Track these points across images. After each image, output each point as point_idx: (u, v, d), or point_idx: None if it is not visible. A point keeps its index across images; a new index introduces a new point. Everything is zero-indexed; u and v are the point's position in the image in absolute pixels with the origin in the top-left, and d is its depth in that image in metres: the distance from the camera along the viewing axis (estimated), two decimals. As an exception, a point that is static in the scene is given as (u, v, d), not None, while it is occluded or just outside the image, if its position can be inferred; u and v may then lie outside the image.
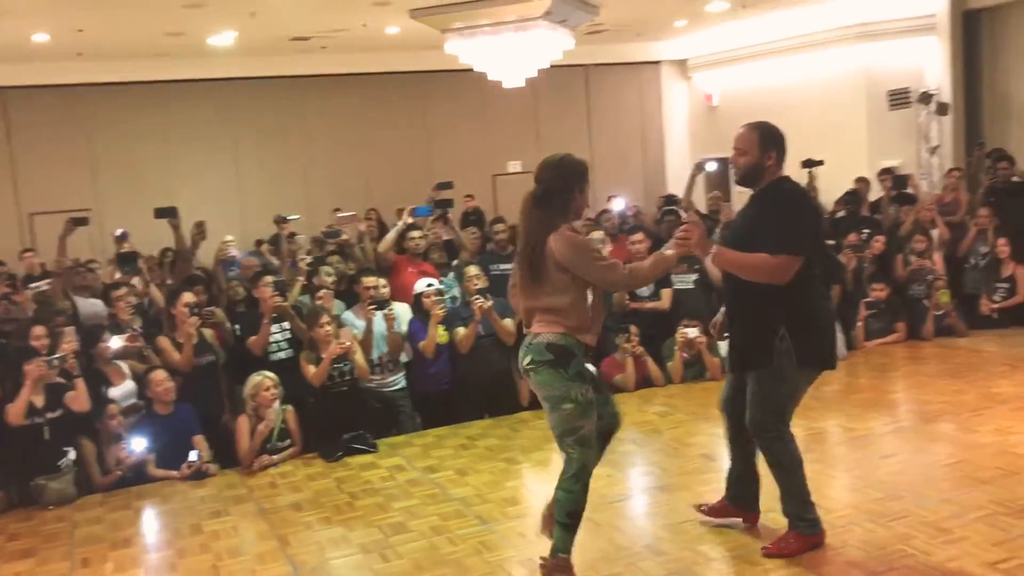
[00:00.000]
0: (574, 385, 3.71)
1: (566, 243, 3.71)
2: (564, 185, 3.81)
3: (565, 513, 3.75)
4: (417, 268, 7.48)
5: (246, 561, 4.50)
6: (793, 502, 4.12)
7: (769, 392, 4.01)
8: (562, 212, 3.80)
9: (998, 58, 12.99)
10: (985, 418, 5.73)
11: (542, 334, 3.75)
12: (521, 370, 3.86)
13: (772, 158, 4.01)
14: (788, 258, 3.83)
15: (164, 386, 5.84)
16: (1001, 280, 7.97)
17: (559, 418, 3.73)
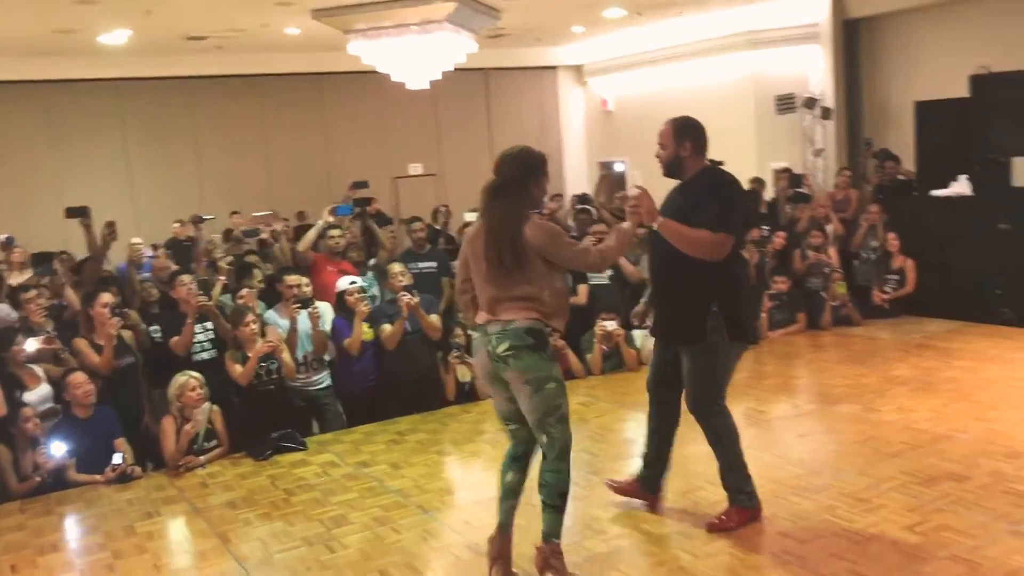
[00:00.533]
0: (554, 365, 3.84)
1: (542, 231, 3.83)
2: (522, 177, 3.89)
3: (556, 495, 3.81)
4: (336, 267, 7.47)
5: (188, 559, 4.46)
6: (733, 475, 4.35)
7: (705, 367, 4.24)
8: (523, 203, 3.89)
9: (876, 65, 13.75)
10: (887, 399, 6.12)
11: (517, 320, 3.78)
12: (494, 357, 3.79)
13: (687, 148, 4.22)
14: (726, 236, 4.10)
15: (84, 388, 5.68)
16: (891, 272, 8.48)
17: (542, 399, 3.76)
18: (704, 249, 4.09)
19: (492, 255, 3.82)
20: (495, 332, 3.80)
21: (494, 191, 3.90)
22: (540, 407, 3.78)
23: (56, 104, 14.00)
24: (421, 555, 4.31)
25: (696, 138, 4.25)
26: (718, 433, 4.31)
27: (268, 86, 15.51)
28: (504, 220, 3.83)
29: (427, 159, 17.08)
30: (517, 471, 3.97)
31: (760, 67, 14.55)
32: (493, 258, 3.82)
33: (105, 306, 6.02)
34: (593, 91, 17.98)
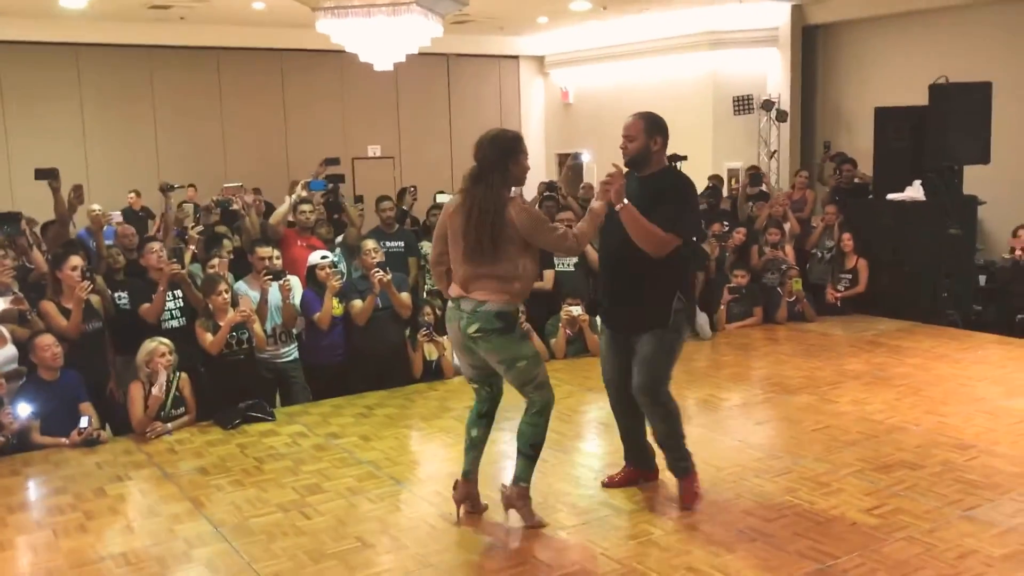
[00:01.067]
0: (523, 344, 4.16)
1: (528, 216, 4.05)
2: (499, 159, 4.07)
3: (529, 445, 4.16)
4: (306, 241, 7.49)
5: (162, 522, 4.47)
6: (674, 452, 4.52)
7: (667, 349, 4.36)
8: (504, 183, 4.07)
9: (831, 71, 14.12)
10: (841, 391, 6.35)
11: (488, 302, 4.02)
12: (465, 335, 4.08)
13: (658, 143, 4.34)
14: (673, 237, 4.23)
15: (52, 351, 5.64)
16: (845, 271, 8.75)
17: (516, 374, 4.10)
18: (651, 243, 4.18)
19: (471, 236, 4.02)
20: (467, 311, 4.05)
21: (474, 176, 4.08)
22: (516, 380, 4.14)
23: (11, 65, 13.70)
24: (396, 523, 4.39)
25: (665, 135, 4.38)
26: (669, 410, 4.43)
27: (228, 60, 15.39)
28: (484, 203, 4.00)
29: (385, 141, 17.06)
30: (481, 427, 4.33)
31: (720, 67, 14.85)
32: (472, 239, 4.02)
33: (74, 269, 5.97)
34: (554, 82, 18.12)
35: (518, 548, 4.08)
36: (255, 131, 15.59)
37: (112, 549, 4.17)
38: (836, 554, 3.91)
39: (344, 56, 13.34)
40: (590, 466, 5.09)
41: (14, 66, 13.73)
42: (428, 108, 17.34)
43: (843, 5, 13.28)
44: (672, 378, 4.45)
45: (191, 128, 15.11)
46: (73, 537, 4.31)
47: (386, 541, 4.18)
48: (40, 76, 13.94)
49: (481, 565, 3.93)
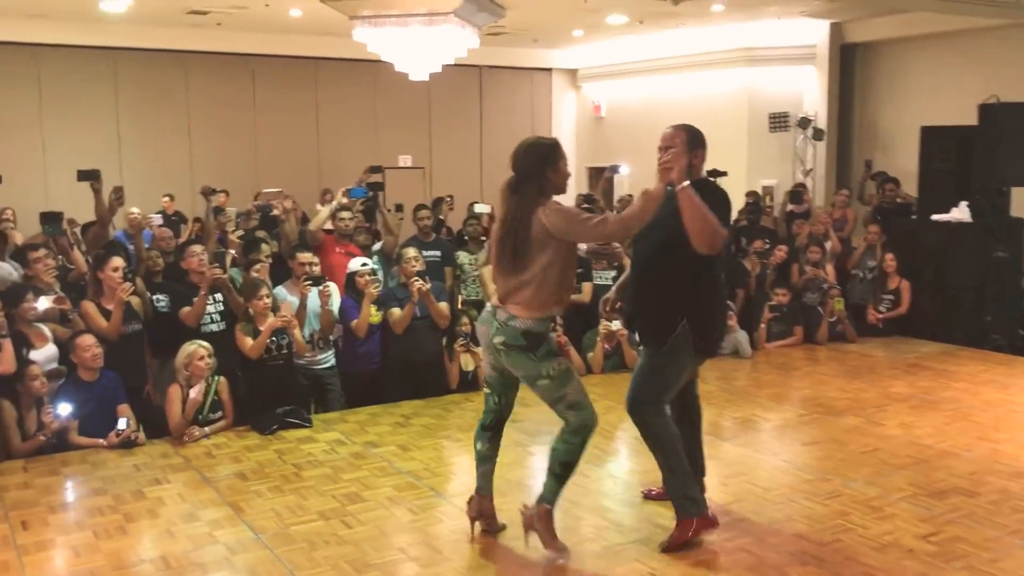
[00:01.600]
0: (544, 364, 3.91)
1: (558, 214, 3.86)
2: (537, 168, 3.94)
3: (559, 463, 3.95)
4: (344, 248, 7.46)
5: (201, 526, 4.41)
6: (676, 480, 4.17)
7: (657, 369, 4.16)
8: (540, 194, 3.92)
9: (869, 89, 13.99)
10: (888, 414, 6.22)
11: (518, 319, 3.90)
12: (492, 343, 4.01)
13: (699, 157, 4.15)
14: (725, 233, 4.04)
15: (92, 351, 5.61)
16: (887, 292, 8.61)
17: (540, 391, 3.97)
18: (706, 233, 3.92)
19: (498, 248, 3.97)
20: (499, 320, 3.96)
21: (512, 186, 3.96)
22: (544, 397, 3.99)
23: (50, 69, 13.81)
24: (438, 536, 4.31)
25: (705, 149, 4.20)
26: (655, 433, 4.18)
27: (263, 67, 15.42)
28: (516, 214, 3.91)
29: (417, 151, 17.05)
30: (486, 440, 4.22)
31: (755, 84, 14.73)
32: (501, 251, 3.95)
33: (116, 270, 5.96)
34: (586, 96, 18.06)
35: (563, 566, 3.98)
36: (288, 138, 15.61)
37: (152, 553, 4.11)
38: (894, 581, 3.79)
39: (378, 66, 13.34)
40: (633, 483, 4.99)
41: (53, 69, 13.84)
42: (460, 119, 17.32)
43: (883, 24, 13.15)
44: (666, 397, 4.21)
45: (224, 133, 15.16)
46: (114, 539, 4.26)
47: (429, 553, 4.10)
48: (77, 79, 14.03)
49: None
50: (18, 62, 13.56)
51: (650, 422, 4.18)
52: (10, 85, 13.56)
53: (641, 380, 4.21)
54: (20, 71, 13.62)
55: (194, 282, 6.30)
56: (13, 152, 12.87)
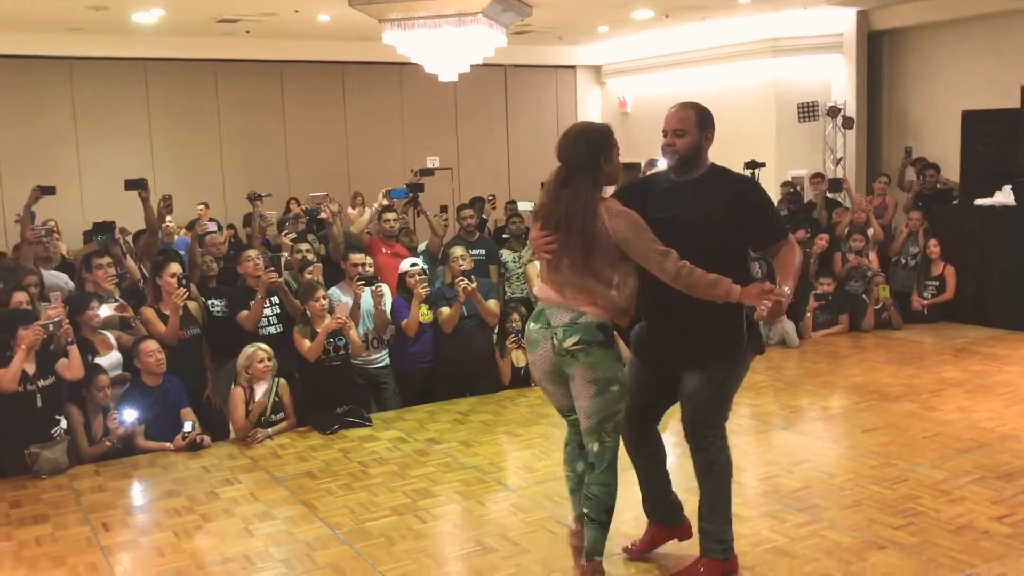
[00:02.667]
0: (620, 366, 3.57)
1: (625, 221, 3.46)
2: (590, 156, 3.54)
3: (603, 510, 3.54)
4: (391, 249, 7.52)
5: (278, 524, 4.48)
6: (716, 517, 3.74)
7: (721, 382, 3.68)
8: (593, 186, 3.54)
9: (897, 77, 13.91)
10: (944, 399, 6.22)
11: (588, 314, 3.49)
12: (560, 351, 3.50)
13: (709, 138, 3.71)
14: (792, 236, 3.74)
15: (156, 357, 5.70)
16: (931, 278, 8.59)
17: (604, 401, 3.49)
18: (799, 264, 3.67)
19: (562, 247, 3.52)
20: (561, 325, 3.50)
21: (561, 178, 3.56)
22: (600, 410, 3.50)
23: (83, 81, 13.97)
24: (514, 528, 4.35)
25: (714, 128, 3.73)
26: (714, 462, 3.71)
27: (291, 73, 15.53)
28: (572, 208, 3.49)
29: (444, 152, 17.12)
30: (584, 460, 3.65)
31: (782, 74, 14.69)
32: (565, 248, 3.52)
33: (173, 276, 6.04)
34: (611, 91, 18.08)
35: (645, 555, 4.01)
36: (317, 143, 15.72)
37: (235, 550, 4.19)
38: (974, 562, 3.81)
39: (404, 68, 13.43)
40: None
41: (86, 81, 14.00)
42: (486, 119, 17.39)
43: (911, 11, 13.07)
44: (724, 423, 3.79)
45: (255, 140, 15.28)
46: (194, 538, 4.34)
47: (507, 546, 4.15)
48: (110, 91, 14.19)
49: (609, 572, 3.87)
50: (52, 75, 13.74)
51: (712, 449, 3.70)
52: (45, 98, 13.76)
53: (706, 398, 3.66)
54: (54, 84, 13.80)
55: (250, 286, 6.38)
56: (49, 164, 13.04)
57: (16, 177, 13.07)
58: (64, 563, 4.11)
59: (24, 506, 4.82)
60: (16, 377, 5.16)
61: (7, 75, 13.39)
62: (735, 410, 6.02)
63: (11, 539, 4.40)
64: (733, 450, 5.20)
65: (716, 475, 3.72)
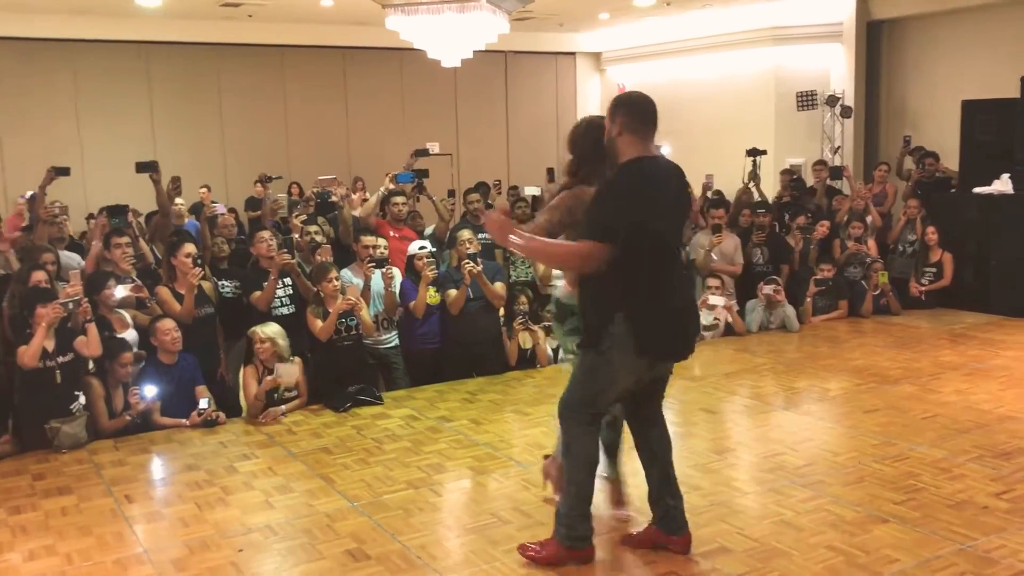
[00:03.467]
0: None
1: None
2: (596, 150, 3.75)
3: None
4: (399, 233, 7.63)
5: (298, 497, 4.60)
6: (567, 500, 3.76)
7: (589, 368, 3.68)
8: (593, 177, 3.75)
9: (896, 67, 14.02)
10: (942, 381, 6.36)
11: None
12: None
13: (619, 123, 3.63)
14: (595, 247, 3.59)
15: (172, 335, 5.81)
16: (929, 265, 8.73)
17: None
18: (565, 263, 3.79)
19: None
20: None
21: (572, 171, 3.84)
22: None
23: (85, 64, 14.01)
24: (527, 501, 4.48)
25: (630, 113, 3.62)
26: (570, 445, 3.72)
27: (293, 57, 15.57)
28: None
29: (444, 138, 17.15)
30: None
31: (782, 62, 14.78)
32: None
33: (188, 256, 6.14)
34: (611, 79, 18.15)
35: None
36: (318, 127, 15.79)
37: (257, 521, 4.31)
38: (973, 535, 3.95)
39: (404, 54, 13.48)
40: (706, 450, 5.14)
41: (88, 64, 14.04)
42: (486, 105, 17.45)
43: (910, 0, 13.19)
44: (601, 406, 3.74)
45: (256, 124, 15.34)
46: (216, 510, 4.46)
47: (520, 518, 4.28)
48: (112, 74, 14.24)
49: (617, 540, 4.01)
50: (55, 58, 13.78)
51: (572, 432, 3.72)
52: (48, 81, 13.80)
53: (572, 382, 3.74)
54: (57, 67, 13.84)
55: (263, 267, 6.49)
56: (51, 146, 13.06)
57: (18, 159, 13.17)
58: (91, 533, 4.22)
59: (47, 478, 4.93)
60: (37, 353, 5.27)
61: (10, 57, 13.44)
62: (736, 391, 6.23)
63: (37, 509, 4.51)
64: (735, 428, 5.41)
65: (571, 459, 3.72)
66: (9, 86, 13.44)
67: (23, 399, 5.38)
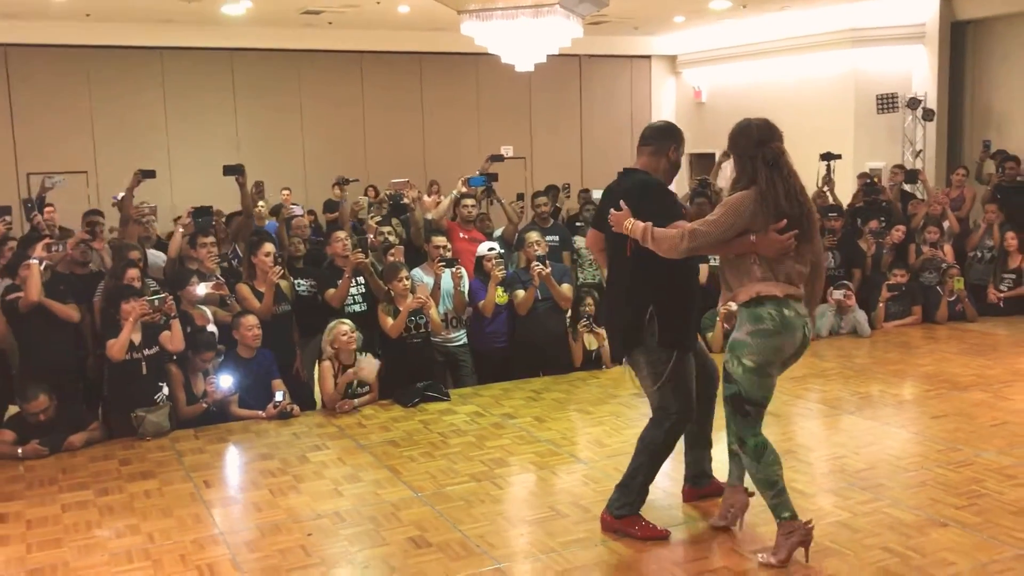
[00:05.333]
0: None
1: None
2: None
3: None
4: (468, 234, 7.80)
5: (365, 486, 4.79)
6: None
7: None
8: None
9: (981, 69, 13.69)
10: (1016, 389, 6.25)
11: None
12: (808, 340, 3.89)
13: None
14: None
15: (254, 331, 6.07)
16: (1008, 271, 8.55)
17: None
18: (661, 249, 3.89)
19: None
20: (807, 315, 3.86)
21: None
22: None
23: (173, 70, 14.56)
24: (585, 496, 4.58)
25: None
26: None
27: (371, 63, 15.92)
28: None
29: (518, 141, 17.31)
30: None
31: (861, 65, 14.56)
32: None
33: (268, 255, 6.41)
34: (686, 82, 18.09)
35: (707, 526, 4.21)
36: (394, 131, 16.09)
37: (326, 507, 4.50)
38: (1034, 542, 3.92)
39: (480, 58, 13.67)
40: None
41: (176, 71, 14.59)
42: (560, 109, 17.55)
43: (996, 0, 12.88)
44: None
45: (335, 128, 15.72)
46: (288, 496, 4.67)
47: (578, 512, 4.38)
48: (198, 80, 14.76)
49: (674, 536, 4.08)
50: (144, 65, 14.36)
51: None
52: (137, 87, 14.40)
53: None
54: (146, 74, 14.43)
55: (338, 265, 6.72)
56: (140, 150, 13.61)
57: (110, 162, 13.74)
58: (171, 514, 4.47)
59: (132, 464, 5.22)
60: (124, 346, 5.58)
61: (103, 64, 14.07)
62: (803, 395, 6.23)
63: (123, 492, 4.79)
64: (799, 431, 5.43)
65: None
66: (102, 91, 14.08)
67: (111, 389, 5.71)
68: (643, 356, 4.02)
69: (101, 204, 13.09)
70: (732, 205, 3.72)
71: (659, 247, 3.81)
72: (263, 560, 3.95)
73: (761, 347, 3.74)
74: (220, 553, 4.03)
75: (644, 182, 4.08)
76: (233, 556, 3.99)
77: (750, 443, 3.82)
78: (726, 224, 3.72)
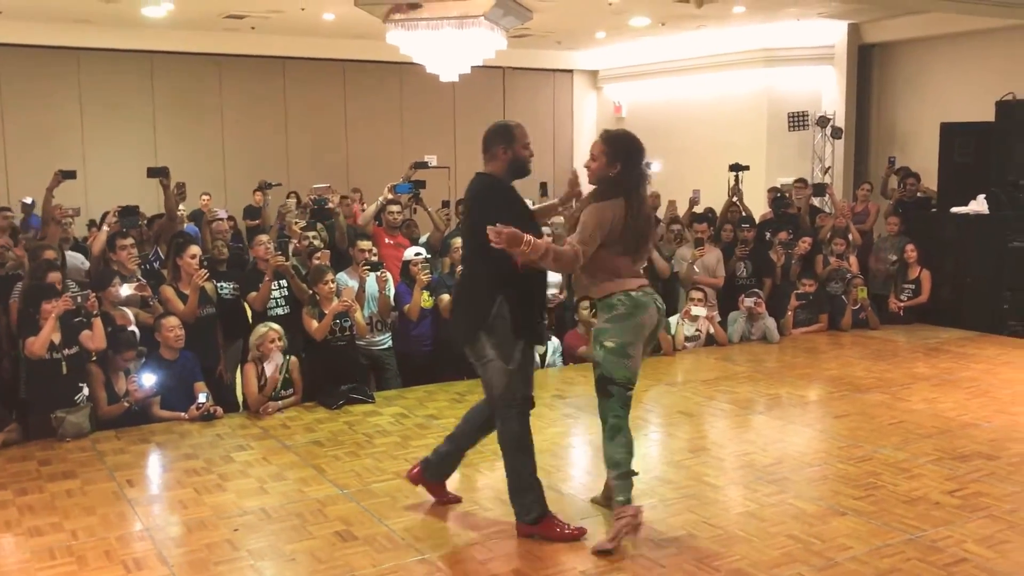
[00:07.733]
0: None
1: None
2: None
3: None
4: (394, 240, 7.90)
5: (291, 484, 4.86)
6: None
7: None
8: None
9: (886, 90, 14.35)
10: (912, 391, 6.63)
11: None
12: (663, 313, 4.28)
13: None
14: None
15: (176, 332, 6.07)
16: (908, 282, 9.02)
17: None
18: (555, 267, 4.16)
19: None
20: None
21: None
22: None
23: (90, 72, 14.29)
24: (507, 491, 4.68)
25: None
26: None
27: (294, 69, 15.85)
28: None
29: (441, 151, 17.43)
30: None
31: (774, 84, 15.09)
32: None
33: (193, 257, 6.42)
34: (607, 96, 18.47)
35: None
36: (317, 138, 16.05)
37: (252, 504, 4.56)
38: (923, 527, 4.21)
39: (404, 68, 13.76)
40: (682, 449, 5.40)
41: (93, 72, 14.31)
42: (484, 120, 17.22)
43: (900, 25, 13.50)
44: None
45: (256, 134, 15.60)
46: (214, 494, 4.71)
47: (500, 506, 4.52)
48: (116, 82, 14.50)
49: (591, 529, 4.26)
50: (60, 65, 14.05)
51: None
52: (53, 88, 14.07)
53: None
54: (62, 74, 14.12)
55: (260, 269, 6.75)
56: (55, 151, 13.28)
57: (23, 163, 13.40)
58: (95, 512, 4.47)
59: (52, 464, 5.18)
60: (45, 343, 5.53)
61: (16, 64, 13.71)
62: (716, 396, 6.50)
63: (43, 491, 4.76)
64: (711, 429, 5.68)
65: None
66: (15, 92, 13.73)
67: (30, 389, 5.64)
68: (491, 340, 4.12)
69: (11, 203, 12.80)
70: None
71: (559, 264, 4.03)
72: (190, 555, 4.00)
73: (620, 330, 4.06)
74: (146, 548, 4.06)
75: (482, 185, 4.42)
76: (159, 551, 4.02)
77: (609, 422, 4.11)
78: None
